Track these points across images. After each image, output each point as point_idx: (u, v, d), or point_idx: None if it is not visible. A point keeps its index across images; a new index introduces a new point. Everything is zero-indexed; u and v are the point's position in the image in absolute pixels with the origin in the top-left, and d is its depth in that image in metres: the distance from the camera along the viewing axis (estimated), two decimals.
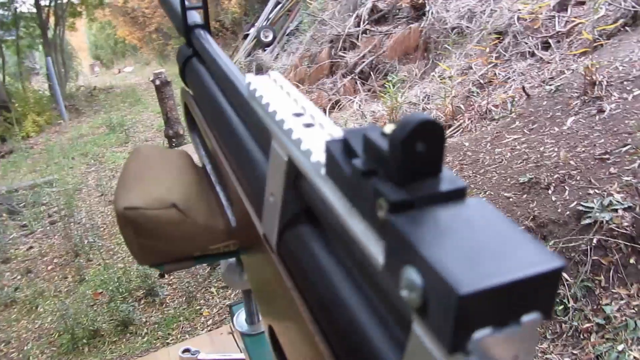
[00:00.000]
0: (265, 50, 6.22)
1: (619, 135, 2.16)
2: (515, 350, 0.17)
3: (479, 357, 0.16)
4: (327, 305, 0.27)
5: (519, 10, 3.42)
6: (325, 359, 0.26)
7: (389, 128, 0.20)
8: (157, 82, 4.79)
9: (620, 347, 1.51)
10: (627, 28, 2.73)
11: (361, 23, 4.87)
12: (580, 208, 1.83)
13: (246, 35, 6.77)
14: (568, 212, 1.86)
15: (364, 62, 4.62)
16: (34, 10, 8.86)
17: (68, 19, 9.66)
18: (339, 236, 0.27)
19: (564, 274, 1.69)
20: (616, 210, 1.74)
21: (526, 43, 3.19)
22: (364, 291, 0.27)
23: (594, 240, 1.72)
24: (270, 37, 6.30)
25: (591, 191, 1.89)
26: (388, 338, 0.24)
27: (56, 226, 3.89)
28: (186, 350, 0.98)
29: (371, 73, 4.51)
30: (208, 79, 0.53)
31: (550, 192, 2.00)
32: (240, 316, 0.67)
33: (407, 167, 0.19)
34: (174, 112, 4.94)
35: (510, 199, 2.11)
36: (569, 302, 1.70)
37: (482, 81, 3.26)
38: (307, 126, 0.30)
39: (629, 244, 1.67)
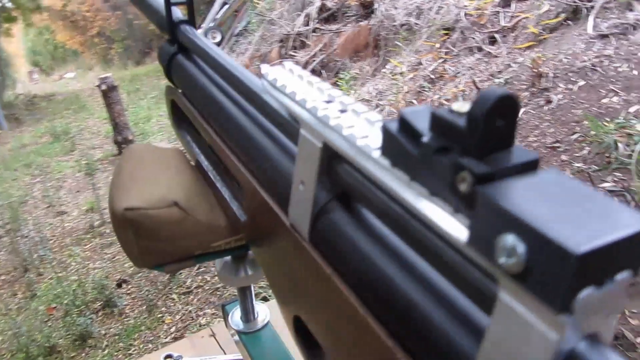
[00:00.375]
0: None
1: (567, 124, 2.26)
2: (608, 307, 0.17)
3: (580, 316, 0.16)
4: (379, 287, 0.27)
5: (466, 6, 3.51)
6: (382, 338, 0.26)
7: (459, 105, 0.21)
8: (103, 87, 4.65)
9: None
10: (568, 22, 2.86)
11: (310, 22, 4.88)
12: None
13: None
14: None
15: (315, 60, 4.64)
16: None
17: (3, 25, 9.23)
18: (389, 217, 0.27)
19: None
20: None
21: (474, 38, 3.29)
22: (418, 270, 0.27)
23: None
24: (218, 39, 6.22)
25: None
26: (454, 310, 0.24)
27: (2, 241, 3.72)
28: (168, 357, 0.95)
29: (322, 71, 4.53)
30: (203, 74, 0.52)
31: None
32: (235, 315, 0.66)
33: (485, 141, 0.19)
34: (122, 118, 4.81)
35: None
36: None
37: (432, 76, 3.33)
38: (342, 112, 0.30)
39: None
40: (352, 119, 0.29)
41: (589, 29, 2.66)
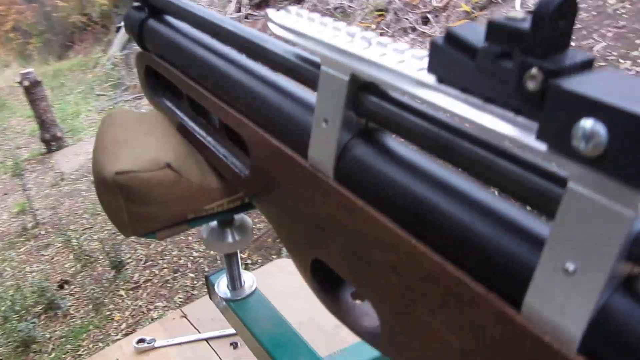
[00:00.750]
0: None
1: None
2: None
3: None
4: (421, 210, 0.28)
5: None
6: (429, 254, 0.27)
7: (514, 14, 0.22)
8: (26, 83, 4.39)
9: None
10: (498, 0, 2.98)
11: (242, 8, 4.81)
12: None
13: (119, 28, 6.40)
14: None
15: None
16: None
17: None
18: (428, 138, 0.27)
19: None
20: None
21: (407, 19, 3.35)
22: (459, 188, 0.28)
23: None
24: None
25: None
26: (504, 221, 0.25)
27: None
28: (141, 341, 0.93)
29: None
30: (184, 35, 0.51)
31: None
32: (222, 284, 0.66)
33: (549, 41, 0.20)
34: (49, 114, 4.57)
35: None
36: None
37: None
38: (368, 44, 0.30)
39: None
40: (380, 50, 0.29)
41: (517, 6, 2.79)
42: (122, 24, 0.64)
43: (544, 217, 0.24)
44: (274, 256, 2.40)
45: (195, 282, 2.56)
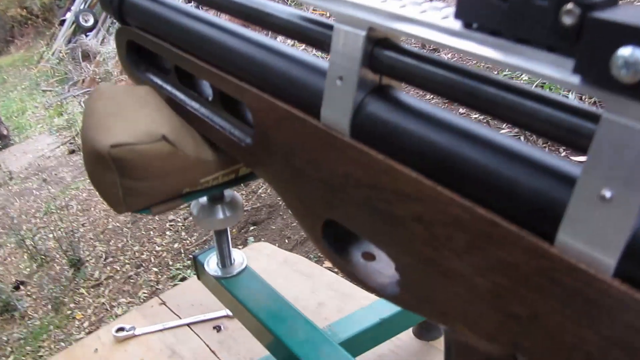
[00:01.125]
0: (88, 36, 5.75)
1: None
2: None
3: None
4: (446, 159, 0.29)
5: None
6: (457, 199, 0.27)
7: None
8: None
9: None
10: None
11: None
12: None
13: (63, 21, 6.17)
14: None
15: None
16: None
17: None
18: (451, 88, 0.28)
19: None
20: None
21: None
22: (481, 134, 0.29)
23: None
24: (92, 21, 5.81)
25: None
26: (531, 163, 0.26)
27: None
28: (120, 329, 0.91)
29: None
30: (173, 8, 0.50)
31: None
32: (211, 263, 0.65)
33: None
34: None
35: None
36: None
37: None
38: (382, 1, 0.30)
39: None
40: (398, 2, 0.30)
41: None
42: (66, 16, 0.62)
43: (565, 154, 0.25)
44: (240, 247, 2.39)
45: (160, 276, 2.52)
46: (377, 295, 0.37)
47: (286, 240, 2.26)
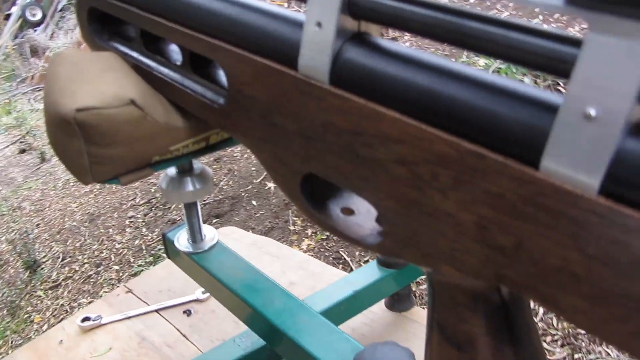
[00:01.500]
0: (36, 30, 5.55)
1: None
2: None
3: None
4: (427, 98, 0.29)
5: None
6: (443, 136, 0.28)
7: None
8: None
9: None
10: None
11: None
12: None
13: (8, 15, 5.94)
14: None
15: None
16: None
17: None
18: (435, 27, 0.28)
19: None
20: None
21: None
22: (462, 72, 0.29)
23: None
24: (39, 16, 5.62)
25: None
26: (516, 96, 0.27)
27: None
28: (86, 319, 0.88)
29: None
30: None
31: None
32: (182, 239, 0.63)
33: None
34: None
35: None
36: None
37: None
38: None
39: None
40: None
41: None
42: (12, 10, 0.59)
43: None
44: None
45: (121, 274, 2.45)
46: (359, 246, 0.37)
47: (250, 232, 2.25)
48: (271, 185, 2.40)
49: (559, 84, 1.85)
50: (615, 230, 0.22)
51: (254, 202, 2.39)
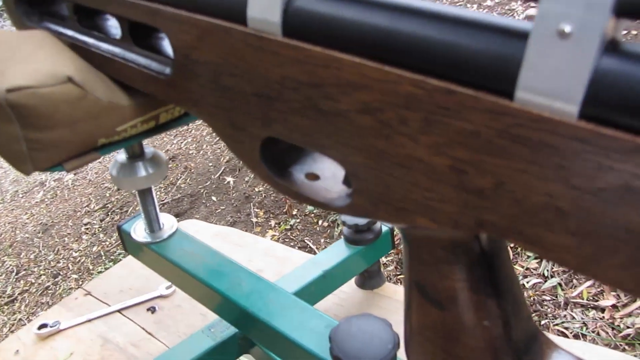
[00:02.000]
0: None
1: None
2: None
3: None
4: (387, 38, 0.27)
5: None
6: (406, 77, 0.26)
7: None
8: None
9: None
10: None
11: None
12: None
13: None
14: None
15: None
16: None
17: None
18: None
19: None
20: None
21: None
22: (422, 8, 0.27)
23: None
24: None
25: None
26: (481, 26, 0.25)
27: None
28: (42, 326, 0.83)
29: None
30: None
31: None
32: (138, 230, 0.60)
33: None
34: None
35: None
36: None
37: None
38: None
39: None
40: None
41: None
42: None
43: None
44: None
45: (81, 282, 2.37)
46: (328, 209, 0.35)
47: None
48: (230, 179, 2.36)
49: None
50: (599, 156, 0.21)
51: (213, 198, 2.34)
